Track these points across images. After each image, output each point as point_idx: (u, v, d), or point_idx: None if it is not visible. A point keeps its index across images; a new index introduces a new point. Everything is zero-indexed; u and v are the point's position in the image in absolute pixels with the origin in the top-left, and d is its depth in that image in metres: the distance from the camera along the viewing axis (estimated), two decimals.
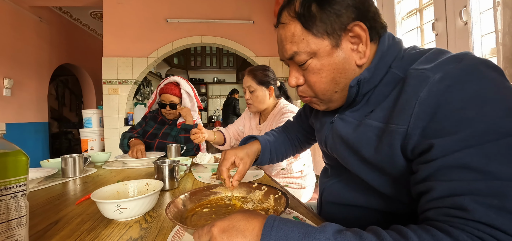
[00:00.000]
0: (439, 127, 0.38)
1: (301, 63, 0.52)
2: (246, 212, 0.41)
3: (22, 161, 0.40)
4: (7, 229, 0.38)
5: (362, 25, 0.48)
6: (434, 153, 0.37)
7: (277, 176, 1.36)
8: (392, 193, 0.50)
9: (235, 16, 3.60)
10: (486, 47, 1.13)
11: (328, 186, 0.67)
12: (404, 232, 0.34)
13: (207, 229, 0.40)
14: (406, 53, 0.50)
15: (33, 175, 0.98)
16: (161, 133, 1.68)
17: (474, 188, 0.33)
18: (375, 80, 0.51)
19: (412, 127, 0.41)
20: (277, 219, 0.38)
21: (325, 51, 0.50)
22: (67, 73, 5.13)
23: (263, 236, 0.36)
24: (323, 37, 0.49)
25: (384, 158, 0.46)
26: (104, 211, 0.58)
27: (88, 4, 3.60)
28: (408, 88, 0.42)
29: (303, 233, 0.35)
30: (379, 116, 0.48)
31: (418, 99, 0.40)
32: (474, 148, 0.34)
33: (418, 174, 0.40)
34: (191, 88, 1.73)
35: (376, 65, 0.50)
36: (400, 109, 0.43)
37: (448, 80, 0.38)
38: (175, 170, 0.87)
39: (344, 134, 0.55)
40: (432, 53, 0.45)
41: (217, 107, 6.20)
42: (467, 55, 0.40)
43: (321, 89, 0.53)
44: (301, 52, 0.51)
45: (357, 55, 0.50)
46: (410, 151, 0.42)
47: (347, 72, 0.51)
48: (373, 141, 0.48)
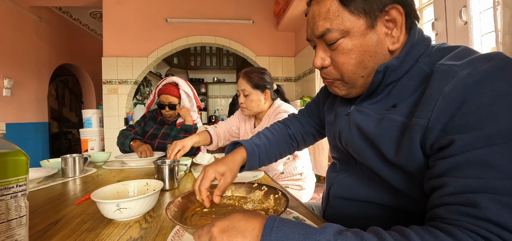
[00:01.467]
0: (463, 122, 0.36)
1: (331, 41, 0.50)
2: (246, 212, 0.41)
3: (22, 161, 0.40)
4: (7, 229, 0.38)
5: (400, 9, 0.47)
6: (454, 148, 0.36)
7: (277, 179, 1.36)
8: (406, 188, 0.48)
9: (235, 16, 3.60)
10: (486, 46, 1.13)
11: (337, 180, 0.65)
12: (406, 233, 0.34)
13: (207, 229, 0.39)
14: (434, 49, 0.49)
15: (33, 175, 0.98)
16: (161, 133, 1.68)
17: (490, 186, 0.32)
18: (401, 71, 0.49)
19: (433, 120, 0.39)
20: (277, 219, 0.38)
21: (359, 31, 0.48)
22: (67, 73, 5.12)
23: (263, 237, 0.36)
24: (359, 16, 0.47)
25: (404, 154, 0.45)
26: (104, 211, 0.58)
27: (88, 4, 3.60)
28: (433, 82, 0.41)
29: (304, 234, 0.35)
30: (404, 111, 0.46)
31: (442, 92, 0.39)
32: (498, 145, 0.33)
33: (434, 169, 0.39)
34: (190, 88, 1.72)
35: (405, 56, 0.49)
36: (423, 102, 0.42)
37: (476, 76, 0.37)
38: (175, 170, 0.87)
39: (364, 126, 0.53)
40: (462, 51, 0.44)
41: (217, 107, 6.20)
42: (498, 54, 0.39)
43: (348, 71, 0.51)
44: (334, 29, 0.49)
45: (390, 40, 0.49)
46: (429, 146, 0.41)
47: (377, 57, 0.49)
48: (395, 136, 0.47)
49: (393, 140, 0.47)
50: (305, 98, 2.91)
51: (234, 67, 6.09)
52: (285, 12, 3.14)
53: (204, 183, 0.59)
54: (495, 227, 0.30)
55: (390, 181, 0.50)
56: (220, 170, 0.62)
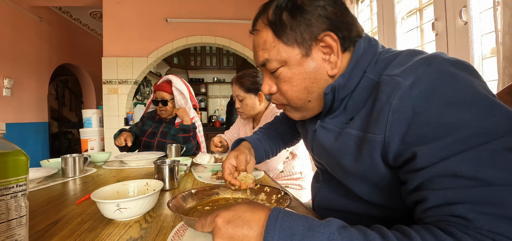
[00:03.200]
0: (420, 134, 0.37)
1: (272, 70, 0.53)
2: (251, 203, 0.41)
3: (22, 161, 0.40)
4: (7, 229, 0.38)
5: (333, 36, 0.48)
6: (419, 161, 0.37)
7: (277, 178, 1.36)
8: (382, 201, 0.50)
9: (235, 16, 3.60)
10: (486, 46, 1.13)
11: (319, 191, 0.68)
12: (407, 232, 0.34)
13: (211, 219, 0.39)
14: (380, 56, 0.50)
15: (33, 174, 0.98)
16: (160, 131, 1.70)
17: (468, 195, 0.33)
18: (351, 86, 0.50)
19: (388, 135, 0.40)
20: (282, 211, 0.38)
21: (295, 60, 0.50)
22: (67, 73, 5.12)
23: (268, 227, 0.36)
24: (293, 46, 0.49)
25: (365, 167, 0.46)
26: (104, 211, 0.58)
27: (88, 4, 3.60)
28: (381, 96, 0.42)
29: (308, 226, 0.35)
30: (357, 124, 0.48)
31: (391, 107, 0.40)
32: (460, 154, 0.34)
33: (408, 184, 0.40)
34: (186, 86, 1.74)
35: (351, 71, 0.50)
36: (375, 118, 0.43)
37: (419, 85, 0.38)
38: (175, 170, 0.87)
39: (326, 143, 0.55)
40: (404, 56, 0.45)
41: (217, 107, 6.20)
42: (436, 57, 0.40)
43: (293, 97, 0.53)
44: (272, 59, 0.51)
45: (329, 66, 0.50)
46: (393, 159, 0.42)
47: (319, 82, 0.51)
48: (353, 150, 0.48)
49: (351, 154, 0.49)
50: None
51: (234, 67, 6.08)
52: None
53: (227, 176, 0.62)
54: (489, 233, 0.31)
55: (358, 193, 0.52)
56: (232, 161, 0.65)
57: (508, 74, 0.94)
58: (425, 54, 0.43)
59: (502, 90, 0.68)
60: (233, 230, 0.37)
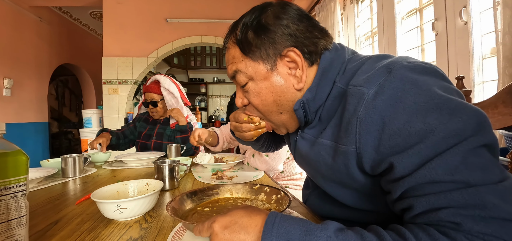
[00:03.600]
0: (392, 144, 0.38)
1: (241, 84, 0.55)
2: (248, 208, 0.41)
3: (22, 161, 0.40)
4: (7, 229, 0.38)
5: (296, 51, 0.49)
6: (398, 171, 0.37)
7: (277, 178, 1.36)
8: (363, 206, 0.51)
9: (235, 16, 3.56)
10: (486, 46, 1.13)
11: (309, 197, 0.69)
12: (402, 232, 0.35)
13: (208, 225, 0.39)
14: (348, 65, 0.51)
15: (33, 175, 0.98)
16: (155, 133, 1.68)
17: (450, 199, 0.33)
18: (322, 97, 0.51)
19: (359, 145, 0.41)
20: (278, 215, 0.38)
21: (261, 75, 0.52)
22: (67, 73, 5.12)
23: (264, 233, 0.36)
24: (258, 62, 0.51)
25: (342, 176, 0.47)
26: (104, 211, 0.58)
27: (88, 4, 3.60)
28: (348, 106, 0.43)
29: (305, 230, 0.35)
30: (329, 134, 0.49)
31: (358, 118, 0.40)
32: (433, 160, 0.34)
33: (392, 193, 0.40)
34: (175, 85, 1.70)
35: (318, 84, 0.51)
36: (345, 129, 0.44)
37: (382, 94, 0.39)
38: (175, 170, 0.87)
39: (303, 153, 0.56)
40: (368, 64, 0.46)
41: (217, 107, 6.20)
42: (396, 63, 0.41)
43: (264, 111, 0.55)
44: (240, 71, 0.53)
45: (295, 80, 0.52)
46: (370, 168, 0.42)
47: (287, 95, 0.52)
48: (326, 159, 0.49)
49: (326, 164, 0.50)
50: None
51: None
52: None
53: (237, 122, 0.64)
54: (479, 234, 0.31)
55: (341, 199, 0.53)
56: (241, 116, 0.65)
57: (508, 74, 0.94)
58: (387, 60, 0.43)
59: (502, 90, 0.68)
60: (230, 236, 0.37)
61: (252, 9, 0.54)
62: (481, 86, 1.15)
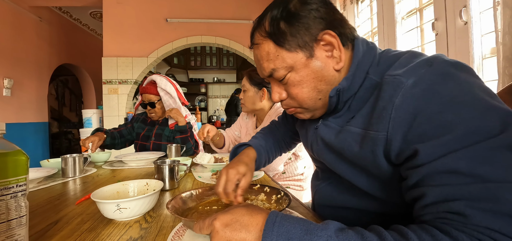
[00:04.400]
0: (421, 132, 0.38)
1: (280, 78, 0.54)
2: (249, 206, 0.41)
3: (22, 161, 0.40)
4: (7, 229, 0.38)
5: (331, 33, 0.50)
6: (420, 158, 0.37)
7: (278, 179, 1.36)
8: (383, 195, 0.50)
9: (235, 16, 3.60)
10: (486, 46, 1.13)
11: (319, 188, 0.68)
12: (404, 232, 0.34)
13: (209, 222, 0.39)
14: (381, 58, 0.52)
15: (33, 175, 0.98)
16: (154, 134, 1.67)
17: (466, 192, 0.33)
18: (354, 88, 0.52)
19: (391, 132, 0.41)
20: (279, 215, 0.38)
21: (301, 64, 0.51)
22: (67, 73, 5.12)
23: (265, 231, 0.36)
24: (296, 51, 0.51)
25: (367, 163, 0.47)
26: (104, 211, 0.58)
27: (88, 4, 3.60)
28: (383, 94, 0.43)
29: (305, 230, 0.35)
30: (358, 122, 0.49)
31: (393, 105, 0.41)
32: (458, 152, 0.34)
33: (408, 180, 0.40)
34: (172, 85, 1.69)
35: (354, 74, 0.51)
36: (378, 116, 0.44)
37: (421, 84, 0.39)
38: (175, 170, 0.87)
39: (327, 140, 0.56)
40: (405, 58, 0.47)
41: (217, 107, 6.20)
42: (437, 58, 0.42)
43: (304, 99, 0.54)
44: (278, 68, 0.52)
45: (334, 61, 0.52)
46: (395, 157, 0.43)
47: (327, 79, 0.52)
48: (353, 146, 0.49)
49: (352, 150, 0.49)
50: None
51: (234, 67, 6.08)
52: None
53: (229, 185, 0.60)
54: (486, 230, 0.31)
55: (363, 187, 0.53)
56: (242, 171, 0.63)
57: (508, 74, 0.94)
58: (426, 56, 0.44)
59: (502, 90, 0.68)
60: (231, 234, 0.37)
61: (274, 2, 0.53)
62: None
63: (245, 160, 0.69)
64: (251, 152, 0.74)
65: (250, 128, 1.49)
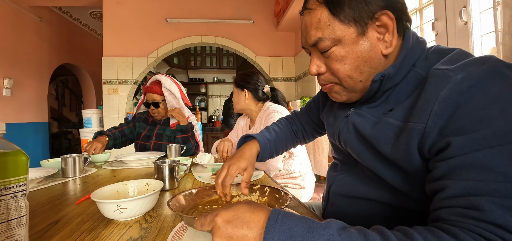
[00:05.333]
0: (458, 125, 0.37)
1: (324, 50, 0.51)
2: (251, 203, 0.41)
3: (22, 161, 0.40)
4: (7, 229, 0.38)
5: (390, 14, 0.47)
6: (451, 150, 0.36)
7: (276, 177, 1.36)
8: (405, 188, 0.49)
9: (235, 16, 3.60)
10: (486, 46, 1.13)
11: (338, 179, 0.66)
12: (409, 233, 0.34)
13: (210, 218, 0.39)
14: (429, 52, 0.50)
15: (33, 174, 0.98)
16: (155, 134, 1.67)
17: (492, 189, 0.32)
18: (398, 78, 0.50)
19: (430, 125, 0.40)
20: (281, 212, 0.38)
21: (350, 39, 0.49)
22: (67, 73, 5.12)
23: (267, 229, 0.35)
24: (349, 24, 0.48)
25: (400, 156, 0.46)
26: (104, 211, 0.58)
27: (88, 4, 3.60)
28: (429, 87, 0.42)
29: (307, 227, 0.35)
30: (399, 115, 0.47)
31: (438, 97, 0.40)
32: (495, 148, 0.33)
33: (434, 171, 0.39)
34: (176, 85, 1.69)
35: (402, 63, 0.49)
36: (419, 107, 0.42)
37: (470, 80, 0.38)
38: (175, 170, 0.87)
39: (361, 128, 0.54)
40: (456, 54, 0.45)
41: (217, 107, 6.20)
42: (490, 58, 0.40)
43: (344, 76, 0.52)
44: (325, 38, 0.50)
45: (384, 45, 0.49)
46: (427, 150, 0.41)
47: (372, 61, 0.50)
48: (390, 138, 0.47)
49: (388, 142, 0.48)
50: (305, 98, 2.91)
51: (234, 67, 6.09)
52: (285, 12, 3.13)
53: (228, 179, 0.61)
54: (499, 230, 0.30)
55: (388, 180, 0.51)
56: (243, 166, 0.64)
57: None
58: (478, 56, 0.43)
59: None
60: (233, 230, 0.37)
61: None
62: None
63: (247, 154, 0.70)
64: (255, 146, 0.76)
65: (244, 130, 1.54)
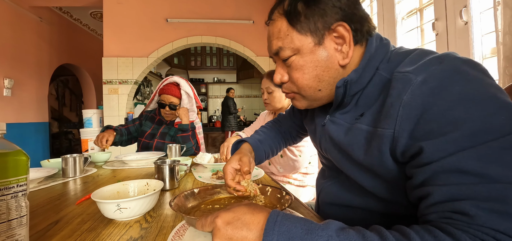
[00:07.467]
0: (427, 129, 0.37)
1: (284, 58, 0.54)
2: (251, 205, 0.41)
3: (22, 161, 0.40)
4: (8, 229, 0.38)
5: (346, 26, 0.49)
6: (426, 156, 0.37)
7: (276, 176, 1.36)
8: (388, 196, 0.50)
9: (235, 16, 3.60)
10: (486, 46, 1.13)
11: (325, 187, 0.68)
12: (406, 233, 0.34)
13: (211, 219, 0.40)
14: (392, 54, 0.51)
15: (34, 175, 0.98)
16: (159, 133, 1.67)
17: (473, 192, 0.33)
18: (363, 82, 0.51)
19: (398, 129, 0.41)
20: (280, 214, 0.38)
21: (308, 48, 0.51)
22: (67, 73, 5.13)
23: (266, 230, 0.36)
24: (306, 34, 0.50)
25: (374, 161, 0.47)
26: (105, 211, 0.58)
27: (88, 4, 3.60)
28: (392, 91, 0.43)
29: (306, 229, 0.35)
30: (368, 120, 0.49)
31: (402, 102, 0.40)
32: (467, 150, 0.34)
33: (414, 179, 0.40)
34: (191, 88, 1.72)
35: (364, 67, 0.51)
36: (386, 113, 0.43)
37: (431, 82, 0.38)
38: (175, 170, 0.87)
39: (335, 137, 0.56)
40: (416, 55, 0.46)
41: (217, 107, 6.20)
42: (448, 55, 0.41)
43: (303, 85, 0.54)
44: (285, 47, 0.52)
45: (340, 55, 0.51)
46: (400, 154, 0.42)
47: (330, 71, 0.52)
48: (362, 144, 0.49)
49: (361, 148, 0.49)
50: None
51: (234, 67, 6.09)
52: None
53: (229, 182, 0.62)
54: (490, 231, 0.31)
55: (368, 188, 0.52)
56: (235, 165, 0.65)
57: (508, 74, 0.94)
58: (437, 53, 0.44)
59: None
60: (233, 232, 0.37)
61: None
62: None
63: (245, 151, 0.72)
64: (246, 146, 0.77)
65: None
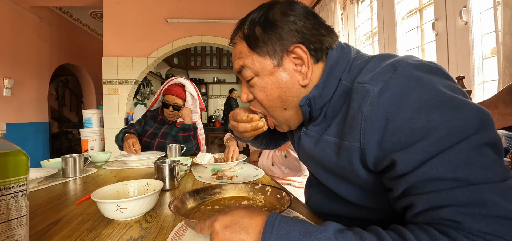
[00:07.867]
0: (395, 140, 0.38)
1: (247, 79, 0.55)
2: (249, 208, 0.41)
3: (22, 161, 0.40)
4: (8, 229, 0.38)
5: (303, 48, 0.50)
6: (399, 168, 0.37)
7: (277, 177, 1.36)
8: (369, 203, 0.51)
9: (235, 16, 3.60)
10: (486, 46, 1.13)
11: (311, 195, 0.69)
12: (402, 232, 0.34)
13: (209, 223, 0.40)
14: (353, 63, 0.51)
15: (34, 175, 0.98)
16: (161, 132, 1.67)
17: (452, 197, 0.33)
18: (328, 95, 0.52)
19: (363, 142, 0.41)
20: (278, 217, 0.38)
21: (267, 70, 0.52)
22: (67, 73, 5.12)
23: (264, 234, 0.36)
24: (265, 57, 0.52)
25: (345, 171, 0.47)
26: (104, 211, 0.58)
27: (88, 4, 3.60)
28: (353, 104, 0.43)
29: (304, 231, 0.35)
30: (333, 131, 0.49)
31: (362, 114, 0.41)
32: (436, 157, 0.34)
33: (394, 191, 0.40)
34: (195, 89, 1.73)
35: (325, 81, 0.51)
36: (349, 125, 0.44)
37: (387, 91, 0.39)
38: (175, 170, 0.87)
39: (307, 149, 0.56)
40: (373, 62, 0.46)
41: (217, 107, 6.20)
42: (401, 62, 0.41)
43: (268, 106, 0.55)
44: (246, 67, 0.54)
45: (300, 76, 0.52)
46: (373, 165, 0.42)
47: (292, 90, 0.53)
48: (331, 155, 0.49)
49: (330, 160, 0.50)
50: None
51: None
52: None
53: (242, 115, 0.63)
54: (480, 233, 0.31)
55: (346, 197, 0.53)
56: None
57: (508, 74, 0.94)
58: (393, 58, 0.44)
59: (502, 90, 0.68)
60: (231, 235, 0.37)
61: (260, 6, 0.54)
62: (482, 86, 1.15)
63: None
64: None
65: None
